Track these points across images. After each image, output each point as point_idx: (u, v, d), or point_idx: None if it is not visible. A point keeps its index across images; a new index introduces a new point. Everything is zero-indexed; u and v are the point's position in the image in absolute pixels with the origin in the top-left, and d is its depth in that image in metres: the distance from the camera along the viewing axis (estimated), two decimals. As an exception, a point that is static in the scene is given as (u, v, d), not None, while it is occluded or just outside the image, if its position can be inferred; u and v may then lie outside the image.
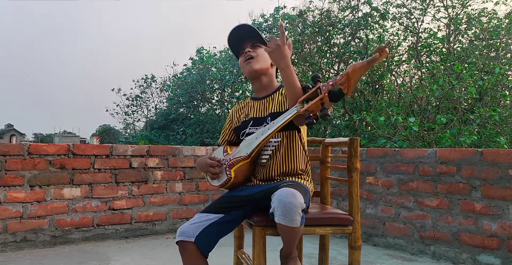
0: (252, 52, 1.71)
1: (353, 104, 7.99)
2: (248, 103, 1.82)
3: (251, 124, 1.72)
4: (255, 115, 1.73)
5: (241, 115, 1.80)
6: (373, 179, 3.31)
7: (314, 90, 1.37)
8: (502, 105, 6.91)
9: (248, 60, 1.70)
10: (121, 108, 18.06)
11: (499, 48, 7.61)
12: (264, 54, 1.69)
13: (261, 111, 1.72)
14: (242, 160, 1.61)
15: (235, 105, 1.93)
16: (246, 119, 1.75)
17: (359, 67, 1.26)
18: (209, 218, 1.53)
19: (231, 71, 10.69)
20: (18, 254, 2.81)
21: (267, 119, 1.67)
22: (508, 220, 2.52)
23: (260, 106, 1.74)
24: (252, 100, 1.81)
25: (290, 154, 1.65)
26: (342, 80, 1.28)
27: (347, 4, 8.65)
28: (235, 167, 1.60)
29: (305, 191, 1.50)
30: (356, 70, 1.26)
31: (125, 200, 3.38)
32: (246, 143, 1.65)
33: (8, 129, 53.92)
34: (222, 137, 1.87)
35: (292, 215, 1.32)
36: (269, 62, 1.73)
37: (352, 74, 1.26)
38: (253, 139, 1.61)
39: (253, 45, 1.72)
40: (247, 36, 1.73)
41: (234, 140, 1.82)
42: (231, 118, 1.85)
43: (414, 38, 8.69)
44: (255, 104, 1.77)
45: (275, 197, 1.36)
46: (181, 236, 1.49)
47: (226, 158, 1.67)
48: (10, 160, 2.92)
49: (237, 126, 1.79)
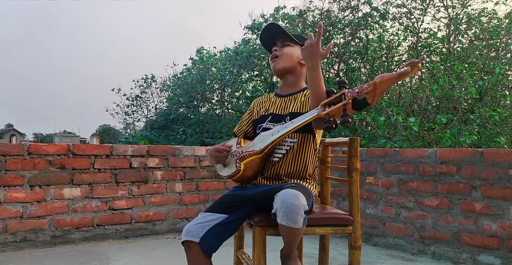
0: (278, 51, 1.72)
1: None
2: (270, 98, 1.82)
3: (269, 119, 1.72)
4: (275, 111, 1.73)
5: (261, 108, 1.81)
6: (373, 179, 3.31)
7: (338, 95, 1.35)
8: (502, 105, 6.92)
9: (273, 59, 1.73)
10: (121, 108, 18.10)
11: (499, 48, 7.61)
12: (291, 53, 1.72)
13: (281, 109, 1.73)
14: (254, 155, 1.60)
15: (258, 97, 1.93)
16: (265, 114, 1.75)
17: (387, 79, 1.24)
18: (213, 218, 1.53)
19: (231, 71, 10.69)
20: (18, 254, 2.81)
21: (286, 118, 1.67)
22: (508, 220, 2.52)
23: (281, 103, 1.74)
24: (275, 96, 1.81)
25: (302, 156, 1.65)
26: (368, 89, 1.26)
27: (347, 4, 8.65)
28: (245, 160, 1.59)
29: (308, 194, 1.50)
30: (384, 81, 1.24)
31: (125, 200, 3.38)
32: (260, 138, 1.64)
33: (8, 129, 53.94)
34: (239, 126, 1.87)
35: (294, 216, 1.32)
36: (296, 61, 1.73)
37: (380, 84, 1.24)
38: (269, 135, 1.61)
39: (283, 44, 1.74)
40: (278, 34, 1.74)
41: (251, 132, 1.82)
42: (252, 110, 1.86)
43: (414, 38, 8.69)
44: (277, 100, 1.77)
45: (278, 197, 1.36)
46: (187, 236, 1.49)
47: (238, 150, 1.67)
48: (10, 160, 2.92)
49: (256, 119, 1.80)
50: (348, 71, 8.67)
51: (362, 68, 8.68)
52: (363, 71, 8.67)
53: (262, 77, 10.38)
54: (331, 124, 1.36)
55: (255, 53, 9.90)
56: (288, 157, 1.64)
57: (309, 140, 1.66)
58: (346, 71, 8.76)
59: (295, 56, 1.72)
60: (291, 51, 1.72)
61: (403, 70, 1.22)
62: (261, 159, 1.62)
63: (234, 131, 1.90)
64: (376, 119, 5.54)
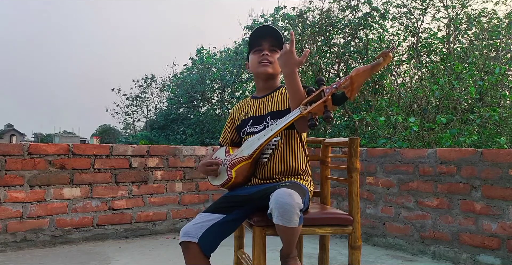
0: (270, 57, 1.72)
1: (353, 104, 7.99)
2: (248, 102, 1.84)
3: (250, 123, 1.74)
4: (255, 113, 1.75)
5: (241, 113, 1.82)
6: (373, 179, 3.31)
7: (317, 92, 1.37)
8: (502, 105, 6.91)
9: (265, 63, 1.71)
10: (121, 108, 18.07)
11: (499, 48, 7.61)
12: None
13: (261, 110, 1.74)
14: (243, 161, 1.62)
15: (235, 104, 1.94)
16: (246, 118, 1.77)
17: (362, 71, 1.26)
18: (211, 218, 1.53)
19: (231, 71, 10.69)
20: (18, 254, 2.81)
21: (267, 118, 1.69)
22: (508, 220, 2.52)
23: (260, 104, 1.76)
24: (252, 99, 1.83)
25: (289, 153, 1.66)
26: (345, 84, 1.28)
27: (347, 4, 8.65)
28: (236, 167, 1.61)
29: (303, 192, 1.50)
30: (360, 74, 1.26)
31: (125, 200, 3.38)
32: (248, 144, 1.66)
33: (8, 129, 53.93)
34: (223, 136, 1.88)
35: (289, 216, 1.32)
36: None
37: (356, 77, 1.26)
38: (255, 140, 1.62)
39: (270, 48, 1.73)
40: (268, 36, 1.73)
41: (236, 139, 1.83)
42: (232, 117, 1.87)
43: (414, 38, 8.69)
44: (255, 102, 1.79)
45: (272, 197, 1.37)
46: (185, 237, 1.50)
47: (227, 159, 1.69)
48: (10, 160, 2.92)
49: (238, 124, 1.81)
50: (348, 71, 8.66)
51: (362, 68, 8.65)
52: (363, 71, 8.64)
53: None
54: (313, 121, 1.37)
55: (255, 53, 9.87)
56: (277, 156, 1.65)
57: (294, 136, 1.67)
58: (346, 71, 8.75)
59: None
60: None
61: (376, 61, 1.25)
62: (251, 164, 1.64)
63: (219, 141, 1.91)
64: (376, 119, 5.54)
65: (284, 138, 1.66)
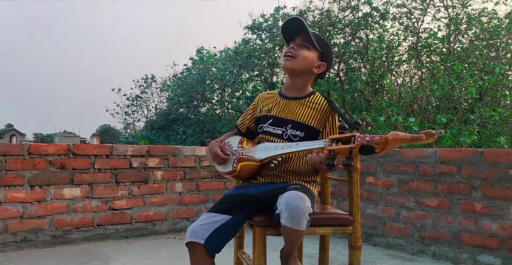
0: (296, 51, 1.65)
1: (353, 104, 8.00)
2: (274, 96, 1.77)
3: (270, 122, 1.69)
4: (277, 113, 1.70)
5: (264, 106, 1.76)
6: (373, 179, 3.31)
7: (349, 136, 1.34)
8: (502, 105, 6.92)
9: (287, 57, 1.66)
10: (121, 108, 18.09)
11: (499, 48, 7.62)
12: (306, 58, 1.65)
13: (284, 112, 1.69)
14: (252, 161, 1.60)
15: (263, 92, 1.88)
16: (268, 115, 1.72)
17: (400, 139, 1.23)
18: (218, 219, 1.51)
19: (231, 71, 10.69)
20: (18, 254, 2.81)
21: (287, 126, 1.65)
22: (508, 220, 2.52)
23: (285, 106, 1.70)
24: (279, 95, 1.76)
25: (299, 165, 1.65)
26: (379, 141, 1.26)
27: (347, 4, 8.65)
28: (243, 163, 1.60)
29: (312, 197, 1.49)
30: (397, 140, 1.24)
31: (125, 200, 3.38)
32: (263, 147, 1.62)
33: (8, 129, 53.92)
34: (242, 121, 1.84)
35: (299, 219, 1.32)
36: (310, 68, 1.67)
37: (392, 141, 1.24)
38: (271, 148, 1.58)
39: (301, 43, 1.66)
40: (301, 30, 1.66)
41: (253, 128, 1.79)
42: (256, 105, 1.81)
43: (414, 38, 8.69)
44: (281, 101, 1.72)
45: (283, 199, 1.36)
46: (191, 237, 1.48)
47: (239, 151, 1.67)
48: (10, 160, 2.92)
49: (258, 116, 1.77)
50: (348, 71, 8.67)
51: (362, 68, 8.68)
52: (363, 71, 8.67)
53: (262, 77, 10.39)
54: (332, 161, 1.34)
55: (255, 53, 9.90)
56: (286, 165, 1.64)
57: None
58: (346, 71, 8.77)
59: (309, 62, 1.66)
60: (307, 55, 1.65)
61: (418, 136, 1.21)
62: (258, 166, 1.62)
63: (237, 123, 1.86)
64: (376, 119, 5.54)
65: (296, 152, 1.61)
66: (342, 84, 8.42)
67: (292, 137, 1.63)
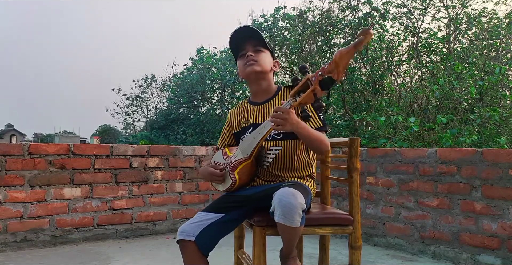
0: (254, 56, 1.67)
1: (353, 104, 8.00)
2: (246, 107, 1.78)
3: (250, 131, 1.68)
4: (255, 121, 1.70)
5: (240, 120, 1.77)
6: (373, 179, 3.31)
7: (303, 82, 1.34)
8: (502, 105, 6.92)
9: (250, 62, 1.67)
10: (121, 108, 18.08)
11: (499, 48, 7.62)
12: (265, 59, 1.69)
13: (261, 117, 1.69)
14: (243, 162, 1.59)
15: (232, 108, 1.89)
16: (246, 126, 1.72)
17: (345, 52, 1.23)
18: (209, 217, 1.53)
19: (231, 71, 10.69)
20: (18, 254, 2.81)
21: None
22: (508, 220, 2.52)
23: (260, 111, 1.71)
24: (250, 104, 1.77)
25: (291, 162, 1.64)
26: (330, 68, 1.25)
27: (347, 4, 8.65)
28: (237, 169, 1.58)
29: (306, 192, 1.49)
30: (343, 55, 1.23)
31: (125, 200, 3.38)
32: (245, 144, 1.63)
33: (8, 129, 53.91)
34: (221, 141, 1.85)
35: (291, 215, 1.32)
36: (270, 67, 1.72)
37: (340, 60, 1.23)
38: (251, 139, 1.59)
39: (255, 49, 1.69)
40: (249, 38, 1.69)
41: (233, 144, 1.80)
42: (230, 122, 1.82)
43: (414, 38, 8.69)
44: (255, 109, 1.73)
45: (275, 196, 1.37)
46: (181, 235, 1.50)
47: (227, 161, 1.65)
48: (10, 160, 2.92)
49: (237, 131, 1.77)
50: (348, 71, 8.66)
51: (362, 68, 8.68)
52: (363, 71, 8.67)
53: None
54: (307, 113, 1.34)
55: (255, 53, 9.87)
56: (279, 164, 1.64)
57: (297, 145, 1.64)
58: (346, 71, 8.75)
59: (268, 62, 1.70)
60: (265, 57, 1.69)
61: (358, 40, 1.21)
62: (252, 163, 1.62)
63: (217, 146, 1.87)
64: (376, 119, 5.54)
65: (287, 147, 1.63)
66: (342, 84, 8.42)
67: (276, 135, 1.64)
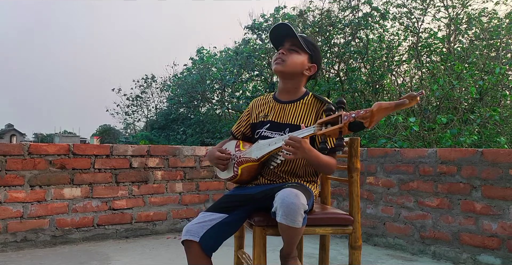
0: (285, 55, 1.68)
1: (353, 104, 7.99)
2: (269, 102, 1.79)
3: (267, 126, 1.71)
4: (274, 118, 1.71)
5: (260, 112, 1.78)
6: (373, 179, 3.31)
7: (335, 116, 1.34)
8: (502, 105, 6.92)
9: (277, 61, 1.68)
10: (121, 108, 18.09)
11: (499, 48, 7.61)
12: (296, 61, 1.68)
13: (281, 117, 1.71)
14: (251, 161, 1.62)
15: (256, 97, 1.90)
16: (264, 120, 1.74)
17: (384, 108, 1.24)
18: (213, 217, 1.53)
19: (231, 71, 10.69)
20: (18, 254, 2.81)
21: (285, 130, 1.66)
22: (508, 220, 2.52)
23: (281, 110, 1.72)
24: (274, 100, 1.78)
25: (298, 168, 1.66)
26: (365, 115, 1.26)
27: (347, 4, 8.65)
28: (243, 165, 1.61)
29: (309, 194, 1.50)
30: (382, 110, 1.24)
31: (125, 200, 3.38)
32: (258, 146, 1.64)
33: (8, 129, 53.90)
34: (237, 128, 1.86)
35: (294, 216, 1.32)
36: (300, 70, 1.70)
37: (377, 112, 1.24)
38: (266, 145, 1.60)
39: (290, 48, 1.69)
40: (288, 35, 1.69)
41: (248, 134, 1.81)
42: (250, 112, 1.83)
43: (414, 38, 8.69)
44: (276, 106, 1.74)
45: (278, 196, 1.37)
46: (186, 235, 1.50)
47: (236, 154, 1.69)
48: (11, 160, 2.92)
49: (254, 123, 1.79)
50: (348, 71, 8.67)
51: (362, 68, 8.68)
52: (363, 71, 8.67)
53: (262, 77, 10.38)
54: (325, 145, 1.37)
55: (255, 53, 9.90)
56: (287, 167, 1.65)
57: None
58: (346, 71, 8.76)
59: (299, 65, 1.68)
60: (297, 59, 1.68)
61: (401, 101, 1.21)
62: (257, 165, 1.64)
63: (232, 130, 1.89)
64: (376, 119, 5.52)
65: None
66: (342, 84, 8.42)
67: None
